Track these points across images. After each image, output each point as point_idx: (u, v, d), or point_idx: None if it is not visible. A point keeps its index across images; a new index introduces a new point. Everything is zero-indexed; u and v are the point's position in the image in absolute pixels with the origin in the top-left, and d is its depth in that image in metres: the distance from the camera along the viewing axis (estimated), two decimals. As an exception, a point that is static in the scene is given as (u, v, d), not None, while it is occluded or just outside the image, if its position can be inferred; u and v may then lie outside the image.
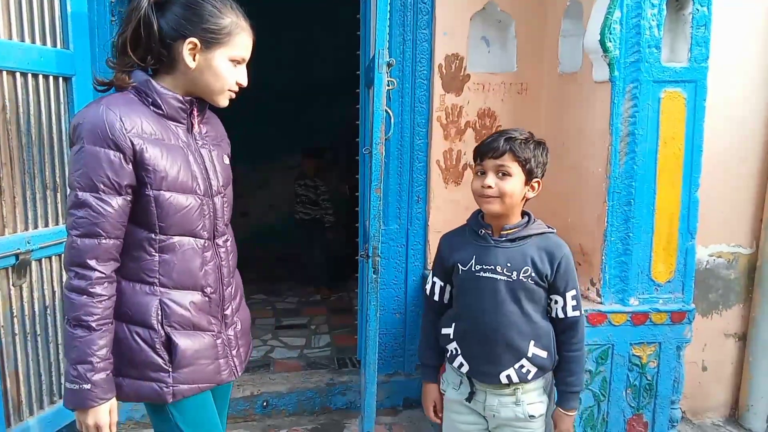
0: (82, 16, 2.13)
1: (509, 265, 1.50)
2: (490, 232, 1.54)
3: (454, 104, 2.59)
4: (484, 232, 1.55)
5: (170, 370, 1.31)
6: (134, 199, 1.26)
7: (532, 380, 1.53)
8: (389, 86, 1.96)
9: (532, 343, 1.51)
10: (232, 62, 1.32)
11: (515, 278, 1.49)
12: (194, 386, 1.35)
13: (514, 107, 2.64)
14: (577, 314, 1.54)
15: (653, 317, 2.20)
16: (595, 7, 2.14)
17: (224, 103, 1.38)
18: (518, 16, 2.57)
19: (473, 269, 1.53)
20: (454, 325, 1.59)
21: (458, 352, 1.57)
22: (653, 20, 2.06)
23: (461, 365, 1.56)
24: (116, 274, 1.28)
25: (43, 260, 2.05)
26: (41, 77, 1.99)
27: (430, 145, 2.61)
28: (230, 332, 1.45)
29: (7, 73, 1.86)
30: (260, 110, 4.42)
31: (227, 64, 1.32)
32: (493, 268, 1.51)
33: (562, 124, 2.47)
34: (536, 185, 1.53)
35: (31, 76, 1.94)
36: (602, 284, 2.19)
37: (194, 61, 1.29)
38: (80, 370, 1.22)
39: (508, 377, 1.51)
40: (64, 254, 1.27)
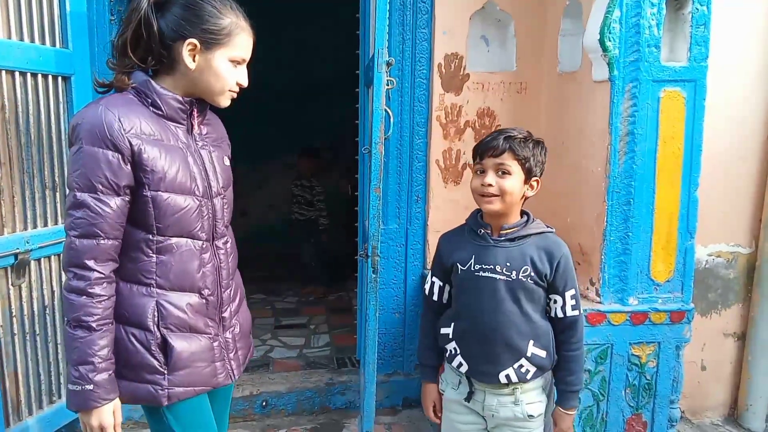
0: (81, 15, 2.13)
1: (508, 264, 1.50)
2: (489, 231, 1.54)
3: (453, 104, 2.59)
4: (483, 231, 1.55)
5: (166, 372, 1.31)
6: (132, 199, 1.25)
7: (531, 380, 1.53)
8: (388, 85, 1.96)
9: (531, 342, 1.51)
10: (232, 63, 1.32)
11: (514, 278, 1.49)
12: (190, 389, 1.34)
13: (513, 107, 2.64)
14: (576, 313, 1.54)
15: (652, 317, 2.20)
16: (594, 6, 2.14)
17: (225, 103, 1.37)
18: (518, 15, 2.57)
19: (472, 269, 1.53)
20: (453, 324, 1.59)
21: (457, 351, 1.57)
22: (653, 19, 2.06)
23: (460, 365, 1.56)
24: (115, 274, 1.27)
25: (42, 260, 2.05)
26: (40, 76, 1.99)
27: (429, 144, 2.61)
28: (228, 335, 1.43)
29: (6, 72, 1.86)
30: (260, 110, 4.41)
31: (227, 64, 1.31)
32: (492, 267, 1.51)
33: (561, 123, 2.47)
34: (535, 184, 1.53)
35: (30, 75, 1.94)
36: (601, 284, 2.19)
37: (194, 61, 1.29)
38: (82, 371, 1.21)
39: (507, 377, 1.51)
40: (62, 255, 1.27)
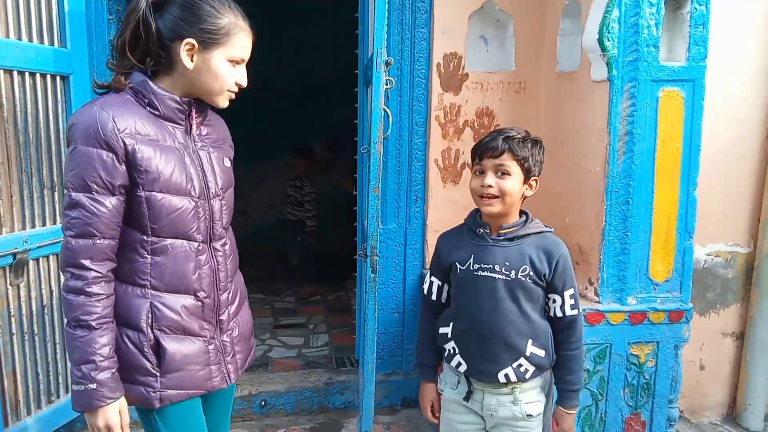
0: (79, 14, 2.12)
1: (507, 264, 1.50)
2: (488, 231, 1.54)
3: (452, 103, 2.59)
4: (482, 231, 1.55)
5: (158, 374, 1.30)
6: (127, 199, 1.25)
7: (529, 379, 1.53)
8: (387, 85, 1.95)
9: (530, 342, 1.51)
10: (230, 62, 1.31)
11: (513, 277, 1.49)
12: (182, 392, 1.33)
13: (512, 106, 2.64)
14: (575, 313, 1.54)
15: (651, 316, 2.20)
16: (593, 6, 2.14)
17: (224, 104, 1.36)
18: (517, 14, 2.57)
19: (471, 268, 1.53)
20: (452, 324, 1.59)
21: (456, 351, 1.57)
22: (651, 19, 2.06)
23: (459, 364, 1.56)
24: (113, 274, 1.26)
25: (40, 259, 2.05)
26: (38, 76, 1.98)
27: (428, 144, 2.61)
28: (225, 338, 1.42)
29: (4, 71, 1.86)
30: (260, 110, 4.41)
31: (226, 64, 1.30)
32: (491, 267, 1.50)
33: (560, 123, 2.47)
34: (534, 183, 1.53)
35: (28, 74, 1.94)
36: (600, 283, 2.19)
37: (192, 61, 1.28)
38: (84, 370, 1.21)
39: (506, 376, 1.51)
40: (60, 255, 1.26)
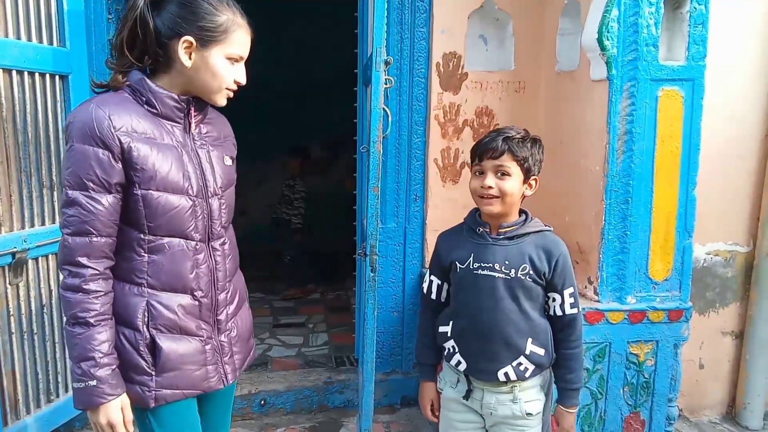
0: (78, 13, 2.12)
1: (507, 262, 1.50)
2: (487, 230, 1.54)
3: (451, 102, 2.59)
4: (481, 230, 1.55)
5: (153, 373, 1.29)
6: (124, 197, 1.24)
7: (529, 378, 1.53)
8: (387, 84, 1.96)
9: (529, 340, 1.51)
10: (229, 60, 1.30)
11: (513, 276, 1.49)
12: (178, 392, 1.32)
13: (511, 105, 2.64)
14: (575, 311, 1.54)
15: (650, 315, 2.20)
16: (593, 5, 2.14)
17: (222, 102, 1.36)
18: (516, 14, 2.57)
19: (471, 267, 1.53)
20: (451, 323, 1.59)
21: (456, 350, 1.57)
22: (651, 18, 2.07)
23: (459, 363, 1.56)
24: (111, 272, 1.26)
25: (39, 259, 2.05)
26: (37, 75, 1.98)
27: (427, 143, 2.61)
28: (223, 338, 1.41)
29: (3, 71, 1.86)
30: (260, 110, 4.41)
31: (224, 62, 1.30)
32: (491, 265, 1.50)
33: (559, 122, 2.47)
34: (533, 183, 1.53)
35: (27, 74, 1.94)
36: (600, 282, 2.19)
37: (190, 59, 1.27)
38: (84, 367, 1.21)
39: (505, 375, 1.51)
40: (58, 253, 1.26)
